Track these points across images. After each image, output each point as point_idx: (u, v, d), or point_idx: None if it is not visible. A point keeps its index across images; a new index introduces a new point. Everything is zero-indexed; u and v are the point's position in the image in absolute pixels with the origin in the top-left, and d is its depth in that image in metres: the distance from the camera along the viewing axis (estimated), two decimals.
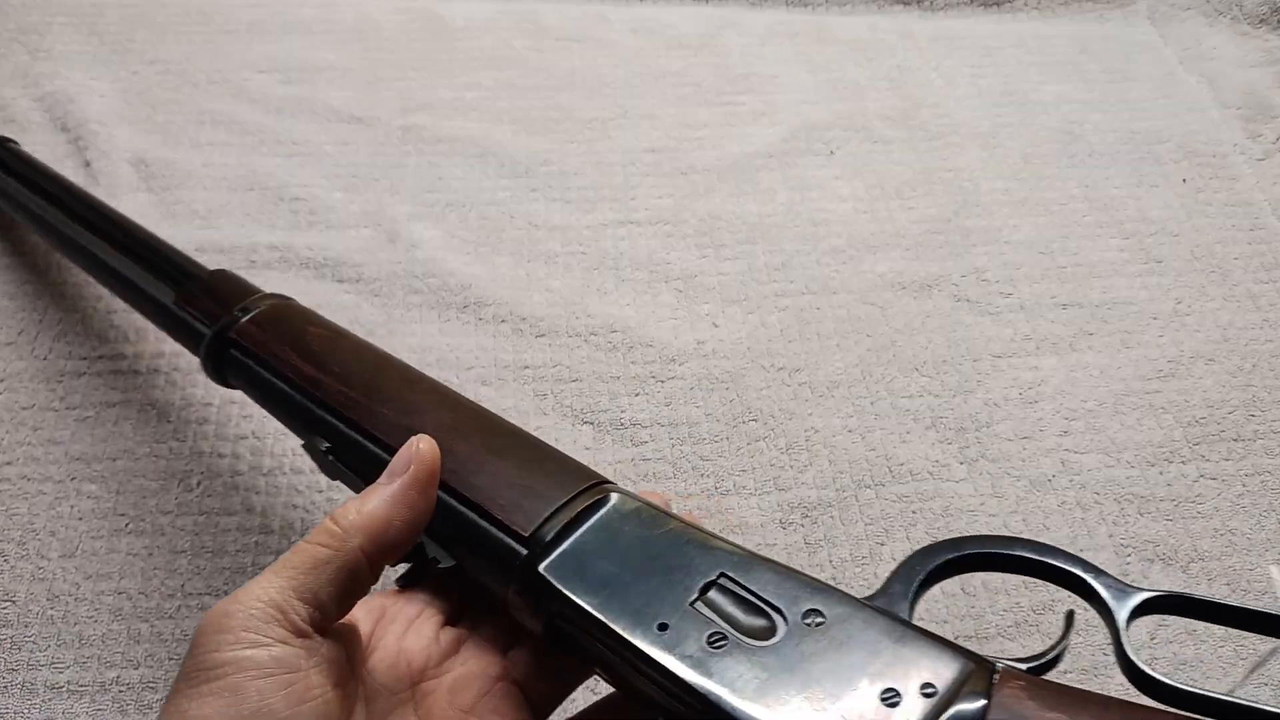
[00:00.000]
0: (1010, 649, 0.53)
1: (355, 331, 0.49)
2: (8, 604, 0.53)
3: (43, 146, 0.75)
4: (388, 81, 0.83)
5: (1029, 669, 0.31)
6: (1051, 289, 0.70)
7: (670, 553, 0.33)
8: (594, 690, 0.46)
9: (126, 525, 0.56)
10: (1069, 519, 0.58)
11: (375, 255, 0.70)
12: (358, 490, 0.39)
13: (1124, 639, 0.31)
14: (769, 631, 0.31)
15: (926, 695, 0.29)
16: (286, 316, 0.48)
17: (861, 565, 0.56)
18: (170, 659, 0.51)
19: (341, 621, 0.34)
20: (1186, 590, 0.37)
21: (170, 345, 0.64)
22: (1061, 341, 0.67)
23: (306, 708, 0.30)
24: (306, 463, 0.59)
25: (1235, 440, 0.62)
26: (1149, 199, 0.76)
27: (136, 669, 0.51)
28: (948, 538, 0.35)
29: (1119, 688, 0.50)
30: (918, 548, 0.35)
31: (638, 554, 0.33)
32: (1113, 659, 0.32)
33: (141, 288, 0.53)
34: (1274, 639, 0.31)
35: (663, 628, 0.31)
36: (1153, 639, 0.53)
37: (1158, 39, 0.89)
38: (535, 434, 0.60)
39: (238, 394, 0.62)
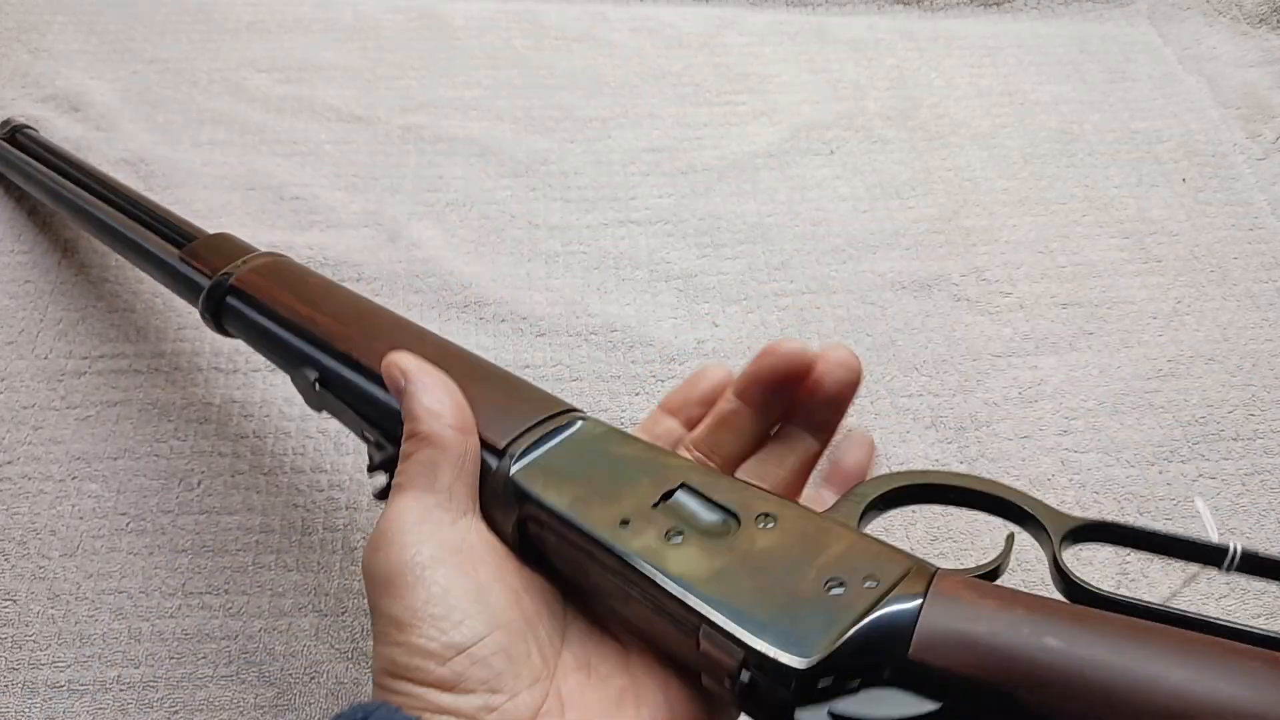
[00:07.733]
0: None
1: None
2: (9, 603, 0.53)
3: None
4: (387, 81, 0.83)
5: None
6: (1051, 288, 0.70)
7: (636, 466, 0.36)
8: None
9: (127, 524, 0.56)
10: None
11: (376, 255, 0.70)
12: (345, 419, 0.42)
13: (1060, 558, 0.32)
14: (725, 530, 0.34)
15: (868, 586, 0.30)
16: (285, 268, 0.52)
17: None
18: (171, 658, 0.51)
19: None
20: (1118, 519, 0.37)
21: (170, 345, 0.64)
22: (1061, 341, 0.67)
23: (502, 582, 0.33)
24: (307, 462, 0.59)
25: (1235, 440, 0.62)
26: (1149, 199, 0.76)
27: (138, 668, 0.51)
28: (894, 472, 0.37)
29: None
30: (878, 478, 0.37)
31: (604, 466, 0.36)
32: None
33: (147, 249, 0.57)
34: (1203, 565, 0.32)
35: (624, 523, 0.34)
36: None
37: (1157, 39, 0.90)
38: None
39: (239, 393, 0.62)
